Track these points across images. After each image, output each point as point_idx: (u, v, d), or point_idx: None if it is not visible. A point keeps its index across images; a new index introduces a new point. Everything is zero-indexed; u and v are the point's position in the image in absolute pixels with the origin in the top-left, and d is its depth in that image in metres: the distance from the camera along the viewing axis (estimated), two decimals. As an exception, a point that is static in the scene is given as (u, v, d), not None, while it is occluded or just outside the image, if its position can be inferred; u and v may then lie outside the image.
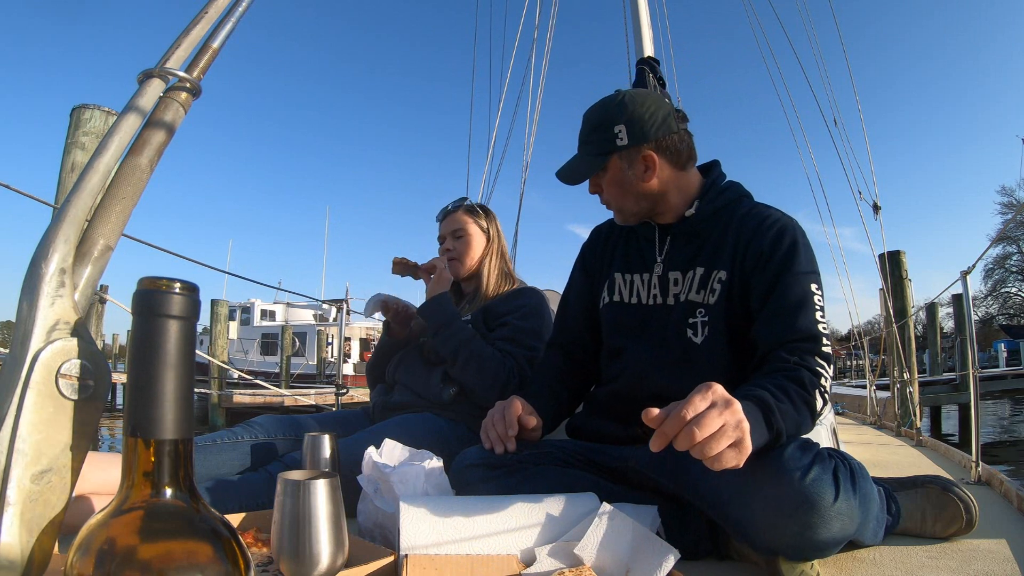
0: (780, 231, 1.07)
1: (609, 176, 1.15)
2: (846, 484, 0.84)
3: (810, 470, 0.82)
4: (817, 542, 0.83)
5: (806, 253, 1.06)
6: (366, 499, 0.99)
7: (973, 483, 1.83)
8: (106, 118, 2.52)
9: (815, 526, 0.81)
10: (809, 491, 0.81)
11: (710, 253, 1.12)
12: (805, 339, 0.98)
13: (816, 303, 1.01)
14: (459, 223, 1.75)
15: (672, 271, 1.16)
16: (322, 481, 0.64)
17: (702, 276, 1.12)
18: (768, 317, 1.02)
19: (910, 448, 2.98)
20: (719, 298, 1.09)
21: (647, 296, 1.19)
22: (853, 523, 0.86)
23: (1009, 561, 1.01)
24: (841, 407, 5.80)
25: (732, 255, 1.09)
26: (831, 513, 0.81)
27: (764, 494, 0.83)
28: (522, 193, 4.26)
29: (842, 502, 0.82)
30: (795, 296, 1.01)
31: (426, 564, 0.77)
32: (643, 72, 3.06)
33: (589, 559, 0.80)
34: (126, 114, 0.58)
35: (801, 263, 1.04)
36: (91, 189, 0.54)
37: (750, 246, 1.08)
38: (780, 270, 1.03)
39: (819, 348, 0.97)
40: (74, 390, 0.46)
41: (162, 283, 0.41)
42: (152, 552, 0.38)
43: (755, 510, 0.85)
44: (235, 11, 0.68)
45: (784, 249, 1.05)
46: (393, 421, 1.47)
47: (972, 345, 2.21)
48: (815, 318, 0.99)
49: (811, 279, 1.03)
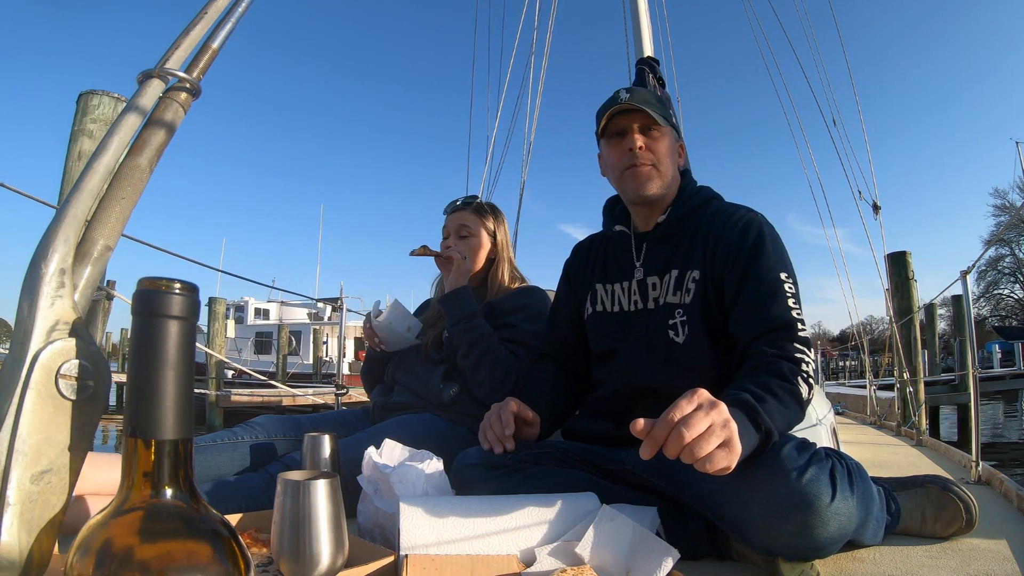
0: (746, 226, 1.11)
1: (665, 140, 1.20)
2: (843, 484, 0.84)
3: (806, 470, 0.82)
4: (815, 542, 0.83)
5: (773, 245, 1.09)
6: (366, 499, 0.99)
7: (973, 483, 1.83)
8: (115, 104, 2.44)
9: (812, 526, 0.81)
10: (806, 491, 0.81)
11: (683, 255, 1.16)
12: (780, 328, 0.99)
13: (787, 291, 1.03)
14: (466, 221, 1.72)
15: (650, 276, 1.20)
16: (322, 481, 0.64)
17: (677, 278, 1.15)
18: (742, 311, 1.05)
19: (910, 448, 2.98)
20: (694, 297, 1.11)
21: (628, 303, 1.23)
22: (851, 523, 0.86)
23: (1009, 561, 1.01)
24: (841, 407, 5.80)
25: (703, 254, 1.13)
26: (828, 513, 0.81)
27: (761, 495, 0.83)
28: (522, 193, 4.27)
29: (839, 502, 0.82)
30: (766, 288, 1.03)
31: (426, 564, 0.77)
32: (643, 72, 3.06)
33: (589, 559, 0.80)
34: (126, 114, 0.58)
35: (769, 255, 1.06)
36: (91, 189, 0.53)
37: (719, 244, 1.11)
38: (749, 263, 1.06)
39: (795, 335, 0.99)
40: (74, 390, 0.46)
41: (162, 283, 0.41)
42: (152, 552, 0.38)
43: (752, 511, 0.85)
44: (235, 11, 0.68)
45: (751, 242, 1.08)
46: (393, 421, 1.47)
47: (972, 345, 2.21)
48: (788, 305, 1.01)
49: (780, 269, 1.05)
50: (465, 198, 1.78)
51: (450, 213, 1.76)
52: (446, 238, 1.75)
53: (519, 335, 1.54)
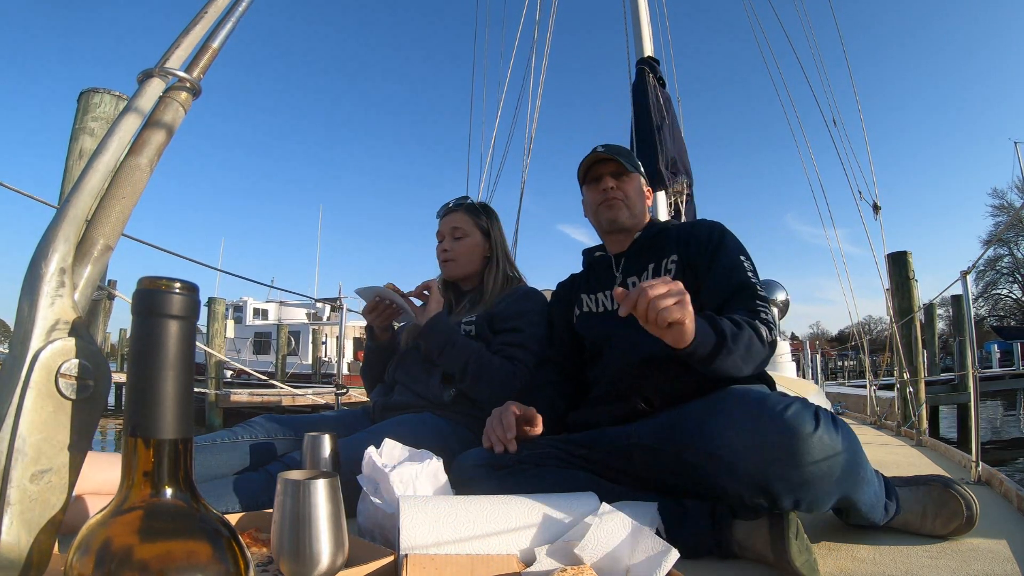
0: (711, 225, 1.38)
1: (633, 183, 1.47)
2: (826, 420, 0.93)
3: (791, 406, 0.93)
4: (803, 472, 0.89)
5: (733, 238, 1.35)
6: (366, 499, 0.99)
7: (973, 483, 1.83)
8: (116, 103, 2.42)
9: (798, 452, 0.89)
10: (789, 420, 0.90)
11: (657, 252, 1.39)
12: (742, 289, 1.23)
13: (746, 267, 1.27)
14: (458, 222, 1.73)
15: (629, 277, 1.41)
16: (322, 481, 0.63)
17: (654, 268, 1.37)
18: (713, 280, 1.27)
19: (910, 448, 2.98)
20: (675, 275, 1.33)
21: (612, 304, 1.40)
22: (837, 456, 0.91)
23: (1009, 561, 1.01)
24: (841, 407, 5.81)
25: (677, 245, 1.37)
26: (812, 440, 0.89)
27: (750, 426, 0.93)
28: (522, 193, 4.27)
29: (823, 432, 0.90)
30: (729, 262, 1.28)
31: (426, 564, 0.77)
32: (643, 72, 3.06)
33: (589, 559, 0.80)
34: (126, 114, 0.58)
35: (730, 243, 1.33)
36: (91, 189, 0.53)
37: (691, 238, 1.36)
38: (716, 248, 1.31)
39: (755, 293, 1.22)
40: (73, 390, 0.46)
41: (162, 283, 0.41)
42: (152, 552, 0.38)
43: (742, 442, 0.93)
44: (235, 11, 0.68)
45: (717, 235, 1.34)
46: (393, 421, 1.46)
47: (972, 345, 2.22)
48: (747, 274, 1.26)
49: (739, 253, 1.30)
50: (456, 199, 1.79)
51: (443, 216, 1.77)
52: (441, 241, 1.76)
53: (525, 340, 1.54)
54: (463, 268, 1.73)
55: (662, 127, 3.12)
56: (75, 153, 2.37)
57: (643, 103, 3.16)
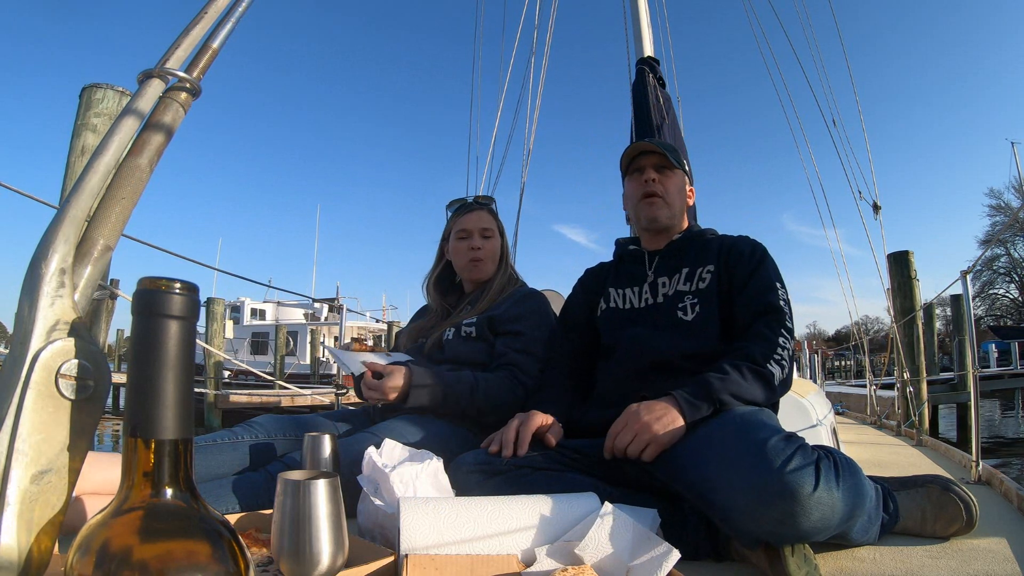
0: (754, 244, 1.38)
1: (676, 179, 1.44)
2: (828, 475, 0.87)
3: (791, 460, 0.87)
4: (798, 530, 0.86)
5: (773, 262, 1.35)
6: (366, 499, 0.99)
7: (973, 483, 1.83)
8: (119, 98, 2.39)
9: (795, 515, 0.85)
10: (789, 480, 0.85)
11: (693, 258, 1.38)
12: (773, 311, 1.23)
13: (780, 294, 1.28)
14: (487, 223, 1.69)
15: (660, 277, 1.40)
16: (322, 481, 0.63)
17: (688, 273, 1.36)
18: (747, 296, 1.28)
19: (910, 448, 2.98)
20: (709, 284, 1.32)
21: (639, 301, 1.41)
22: (835, 514, 0.88)
23: (1009, 561, 1.01)
24: (841, 407, 5.80)
25: (717, 256, 1.35)
26: (811, 502, 0.85)
27: (747, 482, 0.88)
28: (522, 194, 4.26)
29: (822, 492, 0.86)
30: (766, 284, 1.28)
31: (426, 564, 0.77)
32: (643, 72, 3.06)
33: (589, 559, 0.80)
34: (126, 115, 0.58)
35: (770, 267, 1.33)
36: (91, 189, 0.53)
37: (732, 250, 1.35)
38: (756, 266, 1.31)
39: (784, 320, 1.23)
40: (73, 390, 0.46)
41: (162, 283, 0.41)
42: (152, 552, 0.38)
43: (738, 498, 0.89)
44: (235, 11, 0.68)
45: (759, 254, 1.35)
46: (393, 421, 1.46)
47: (972, 344, 2.22)
48: (781, 299, 1.26)
49: (776, 279, 1.30)
50: (480, 197, 1.75)
51: (467, 213, 1.71)
52: (463, 239, 1.69)
53: (528, 344, 1.53)
54: (489, 269, 1.70)
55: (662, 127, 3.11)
56: (77, 149, 2.34)
57: (643, 103, 3.16)
